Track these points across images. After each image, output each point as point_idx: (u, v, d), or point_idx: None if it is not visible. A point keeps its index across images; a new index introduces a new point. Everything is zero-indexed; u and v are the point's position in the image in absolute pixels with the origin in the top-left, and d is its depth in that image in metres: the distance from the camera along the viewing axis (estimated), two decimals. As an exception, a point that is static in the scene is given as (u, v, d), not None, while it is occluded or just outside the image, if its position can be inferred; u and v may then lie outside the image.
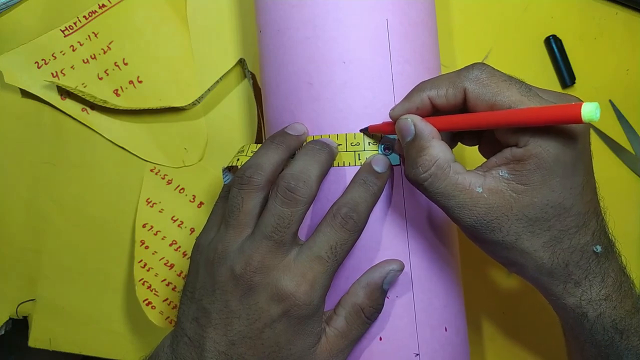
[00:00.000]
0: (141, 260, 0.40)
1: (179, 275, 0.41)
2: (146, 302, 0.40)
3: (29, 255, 0.42)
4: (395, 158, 0.30)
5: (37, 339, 0.42)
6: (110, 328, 0.42)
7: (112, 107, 0.40)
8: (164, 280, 0.41)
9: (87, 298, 0.42)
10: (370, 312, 0.29)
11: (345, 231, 0.28)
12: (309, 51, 0.31)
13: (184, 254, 0.41)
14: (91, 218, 0.42)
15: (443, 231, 0.32)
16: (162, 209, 0.41)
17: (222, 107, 0.42)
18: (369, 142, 0.30)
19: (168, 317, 0.40)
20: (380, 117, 0.30)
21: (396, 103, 0.30)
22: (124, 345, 0.42)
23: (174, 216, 0.41)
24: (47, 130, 0.42)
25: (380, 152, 0.30)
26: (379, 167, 0.29)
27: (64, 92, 0.42)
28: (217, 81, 0.40)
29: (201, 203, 0.41)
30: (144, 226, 0.41)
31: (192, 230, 0.41)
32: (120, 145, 0.42)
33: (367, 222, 0.29)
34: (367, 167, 0.30)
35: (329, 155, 0.29)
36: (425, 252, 0.31)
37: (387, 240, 0.30)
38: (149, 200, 0.41)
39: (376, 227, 0.30)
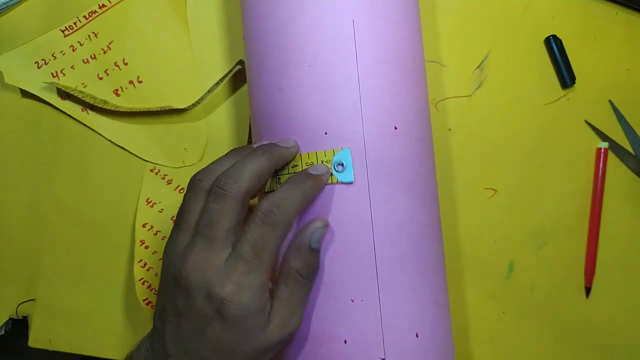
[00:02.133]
0: (141, 260, 0.41)
1: (179, 275, 0.41)
2: (146, 301, 0.40)
3: (29, 255, 0.42)
4: (349, 175, 0.30)
5: (37, 339, 0.42)
6: (110, 328, 0.42)
7: (113, 108, 0.40)
8: (164, 280, 0.41)
9: (87, 298, 0.42)
10: (306, 272, 0.29)
11: (264, 226, 0.28)
12: (279, 56, 0.31)
13: (184, 254, 0.41)
14: (91, 218, 0.42)
15: (421, 238, 0.31)
16: (162, 209, 0.41)
17: (222, 108, 0.42)
18: (322, 161, 0.30)
19: (168, 317, 0.40)
20: (350, 119, 0.30)
21: (362, 104, 0.30)
22: (124, 345, 0.42)
23: (174, 216, 0.41)
24: (47, 130, 0.42)
25: (333, 169, 0.30)
26: (313, 171, 0.30)
27: (64, 93, 0.42)
28: (218, 83, 0.40)
29: (201, 203, 0.41)
30: (144, 226, 0.41)
31: (192, 230, 0.41)
32: (120, 145, 0.42)
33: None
34: (301, 171, 0.30)
35: (269, 155, 0.30)
36: (396, 258, 0.30)
37: (351, 247, 0.30)
38: (149, 200, 0.41)
39: (340, 235, 0.30)
